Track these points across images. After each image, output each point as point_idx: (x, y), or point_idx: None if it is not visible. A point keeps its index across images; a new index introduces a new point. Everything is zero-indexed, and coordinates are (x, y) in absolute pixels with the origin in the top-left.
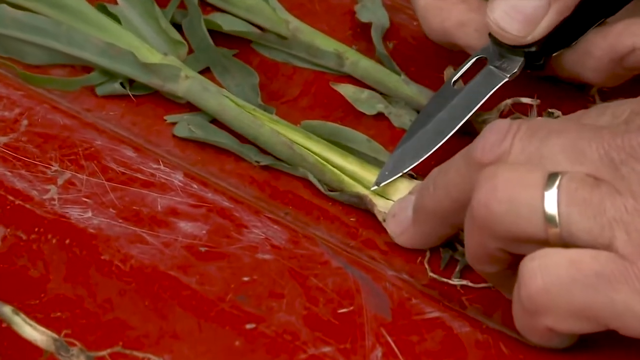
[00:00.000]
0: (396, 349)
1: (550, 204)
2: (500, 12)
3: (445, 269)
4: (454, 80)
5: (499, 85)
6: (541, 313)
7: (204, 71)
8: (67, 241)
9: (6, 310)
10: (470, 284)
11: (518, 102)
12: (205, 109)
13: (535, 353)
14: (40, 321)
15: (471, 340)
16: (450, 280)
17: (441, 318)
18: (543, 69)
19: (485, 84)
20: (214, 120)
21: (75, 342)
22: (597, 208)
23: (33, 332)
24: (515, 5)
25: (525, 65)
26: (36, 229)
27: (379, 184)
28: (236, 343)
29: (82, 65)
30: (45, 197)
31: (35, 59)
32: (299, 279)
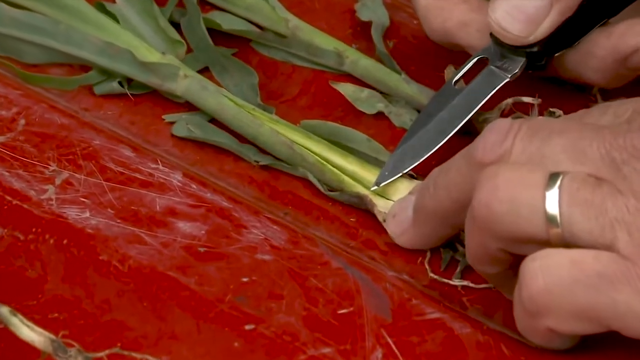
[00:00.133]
0: (396, 350)
1: (552, 204)
2: (502, 12)
3: (446, 269)
4: (455, 80)
5: (500, 86)
6: (542, 314)
7: (203, 70)
8: (65, 241)
9: (3, 311)
10: (471, 284)
11: (519, 101)
12: (204, 108)
13: (536, 354)
14: (37, 322)
15: (472, 342)
16: (451, 281)
17: (442, 319)
18: (545, 70)
19: (486, 84)
20: (213, 120)
21: (73, 343)
22: (599, 208)
23: (30, 333)
24: (517, 5)
25: (527, 66)
26: (34, 229)
27: (379, 184)
28: (235, 344)
29: (80, 64)
30: (42, 197)
31: (33, 58)
32: (299, 279)
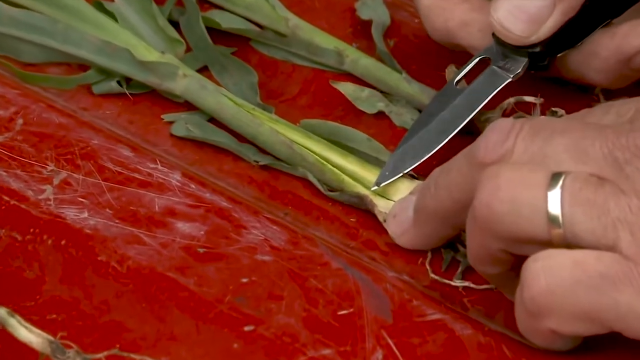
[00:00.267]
0: (397, 351)
1: (554, 204)
2: (504, 12)
3: (447, 270)
4: (456, 80)
5: (502, 86)
6: (544, 315)
7: (202, 69)
8: (63, 242)
9: (1, 312)
10: (472, 285)
11: (521, 101)
12: (203, 107)
13: (538, 355)
14: (35, 323)
15: (473, 343)
16: (452, 282)
17: (443, 320)
18: (547, 70)
19: (488, 84)
20: (212, 119)
21: (72, 345)
22: (601, 208)
23: (28, 335)
24: (520, 5)
25: (529, 66)
26: (32, 230)
27: (380, 183)
28: (235, 345)
29: (78, 64)
30: (40, 197)
31: (31, 57)
32: (299, 280)
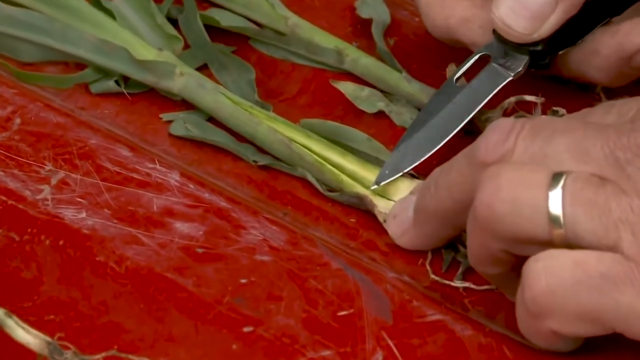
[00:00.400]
0: (397, 352)
1: (555, 204)
2: (506, 9)
3: (447, 270)
4: (456, 78)
5: (502, 85)
6: (545, 315)
7: (202, 68)
8: (61, 242)
9: None
10: (472, 286)
11: (522, 100)
12: (201, 106)
13: (539, 356)
14: (33, 324)
15: (474, 344)
16: (453, 282)
17: (443, 321)
18: (548, 68)
19: (488, 82)
20: (211, 119)
21: (69, 345)
22: (603, 208)
23: (26, 335)
24: (521, 2)
25: (530, 64)
26: (29, 230)
27: (379, 183)
28: (234, 346)
29: (76, 63)
30: (38, 197)
31: (29, 56)
32: (298, 280)
